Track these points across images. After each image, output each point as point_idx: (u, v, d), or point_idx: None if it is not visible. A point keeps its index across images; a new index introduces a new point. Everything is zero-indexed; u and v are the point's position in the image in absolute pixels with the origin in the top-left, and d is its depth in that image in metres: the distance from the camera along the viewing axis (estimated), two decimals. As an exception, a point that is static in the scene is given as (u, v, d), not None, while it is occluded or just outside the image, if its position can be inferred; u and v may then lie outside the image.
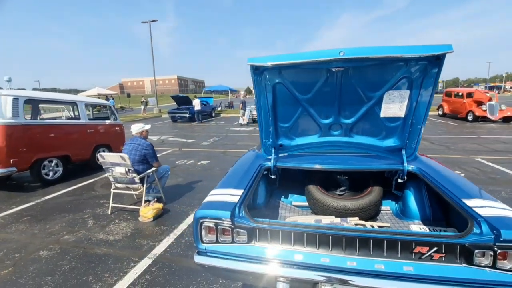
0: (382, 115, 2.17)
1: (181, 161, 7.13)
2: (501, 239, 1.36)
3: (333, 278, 1.49)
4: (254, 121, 16.02)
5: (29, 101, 5.20)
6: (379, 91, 2.04)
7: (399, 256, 1.50)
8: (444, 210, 2.28)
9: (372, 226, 2.17)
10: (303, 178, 2.76)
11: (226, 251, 1.67)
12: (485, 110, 12.58)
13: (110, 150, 6.77)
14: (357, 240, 1.53)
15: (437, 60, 1.78)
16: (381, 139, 2.37)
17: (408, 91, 2.00)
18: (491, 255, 1.39)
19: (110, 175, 3.82)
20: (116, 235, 3.32)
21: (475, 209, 1.57)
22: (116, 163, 3.64)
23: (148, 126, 4.18)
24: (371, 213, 2.34)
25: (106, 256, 2.87)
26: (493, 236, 1.38)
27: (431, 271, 1.43)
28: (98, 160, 6.36)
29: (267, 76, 2.10)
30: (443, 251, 1.47)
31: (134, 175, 3.68)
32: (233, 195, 1.86)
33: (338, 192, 2.62)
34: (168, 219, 3.72)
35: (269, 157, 2.53)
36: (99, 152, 6.52)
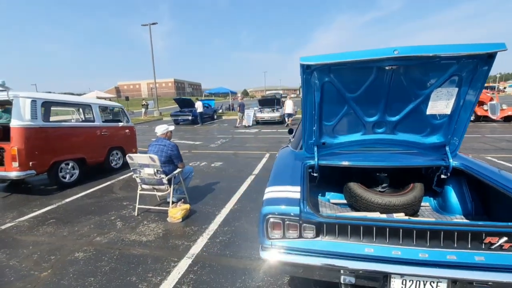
0: (428, 112, 2.22)
1: (193, 163, 7.12)
2: None
3: (405, 269, 1.53)
4: (257, 123, 16.09)
5: (45, 103, 5.17)
6: (428, 89, 2.09)
7: (469, 246, 1.55)
8: (486, 205, 2.33)
9: None
10: (339, 176, 2.79)
11: (294, 246, 1.69)
12: (486, 110, 12.79)
13: (123, 153, 6.75)
14: (428, 232, 1.57)
15: (489, 58, 1.84)
16: (424, 136, 2.42)
17: (457, 89, 2.06)
18: None
19: (137, 177, 3.81)
20: (148, 236, 3.32)
21: None
22: (145, 164, 3.64)
23: (172, 127, 4.19)
24: (415, 209, 2.38)
25: (144, 257, 2.86)
26: None
27: (503, 260, 1.48)
28: (112, 163, 6.49)
29: (317, 75, 2.14)
30: None
31: (163, 176, 3.68)
32: (292, 191, 1.89)
33: (379, 189, 2.66)
34: (196, 220, 3.72)
35: (311, 155, 2.56)
36: (112, 154, 6.57)
